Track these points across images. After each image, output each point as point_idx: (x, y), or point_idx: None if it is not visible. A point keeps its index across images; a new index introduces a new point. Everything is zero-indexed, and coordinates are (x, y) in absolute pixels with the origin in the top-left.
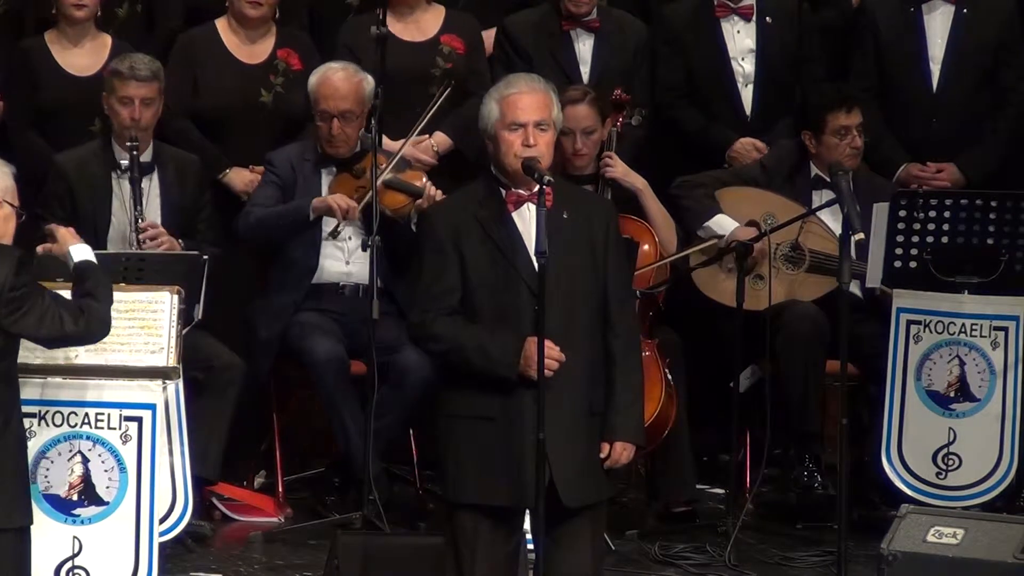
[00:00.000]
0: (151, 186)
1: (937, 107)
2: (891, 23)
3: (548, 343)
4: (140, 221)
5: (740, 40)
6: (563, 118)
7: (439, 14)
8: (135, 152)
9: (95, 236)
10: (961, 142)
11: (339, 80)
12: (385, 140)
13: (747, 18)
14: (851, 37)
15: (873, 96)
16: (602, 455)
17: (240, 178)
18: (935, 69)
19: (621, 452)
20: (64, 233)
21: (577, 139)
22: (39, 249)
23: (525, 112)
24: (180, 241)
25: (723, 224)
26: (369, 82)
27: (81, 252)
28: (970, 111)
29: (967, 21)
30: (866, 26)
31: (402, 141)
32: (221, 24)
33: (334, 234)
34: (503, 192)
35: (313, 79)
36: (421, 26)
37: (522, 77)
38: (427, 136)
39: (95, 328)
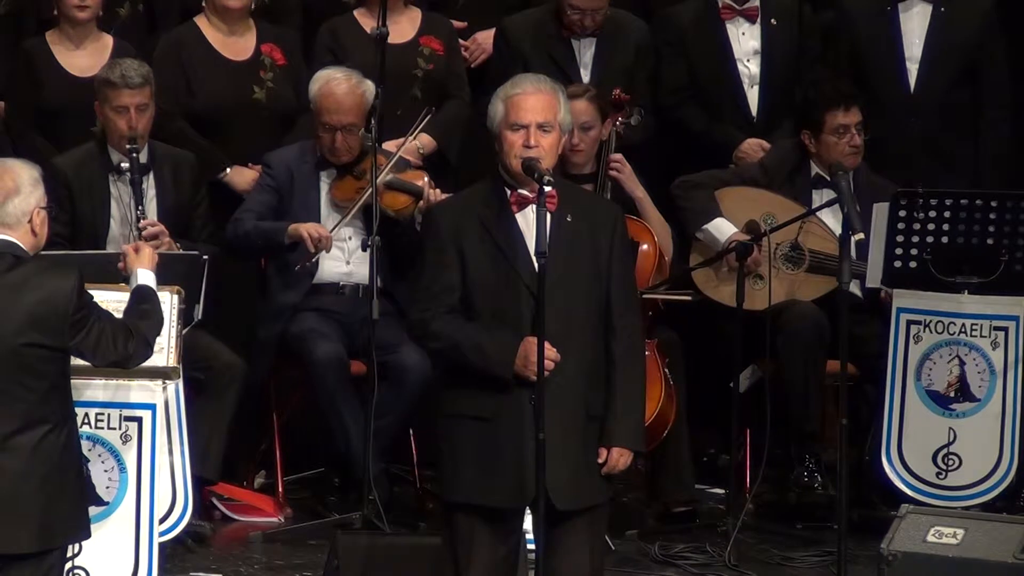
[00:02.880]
0: (147, 187)
1: (915, 106)
2: (867, 23)
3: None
4: (141, 220)
5: (745, 42)
6: None
7: (416, 16)
8: (135, 154)
9: (94, 239)
10: (940, 141)
11: (342, 94)
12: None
13: (752, 20)
14: None
15: None
16: (599, 460)
17: (241, 177)
18: (912, 69)
19: (619, 458)
20: (145, 254)
21: (575, 134)
22: (120, 266)
23: (528, 113)
24: (178, 244)
25: (722, 228)
26: (370, 90)
27: (147, 277)
28: (948, 110)
29: (944, 20)
30: (842, 27)
31: (398, 142)
32: (201, 22)
33: (303, 268)
34: (508, 192)
35: (315, 87)
36: (400, 28)
37: (529, 78)
38: (412, 138)
39: (140, 351)
